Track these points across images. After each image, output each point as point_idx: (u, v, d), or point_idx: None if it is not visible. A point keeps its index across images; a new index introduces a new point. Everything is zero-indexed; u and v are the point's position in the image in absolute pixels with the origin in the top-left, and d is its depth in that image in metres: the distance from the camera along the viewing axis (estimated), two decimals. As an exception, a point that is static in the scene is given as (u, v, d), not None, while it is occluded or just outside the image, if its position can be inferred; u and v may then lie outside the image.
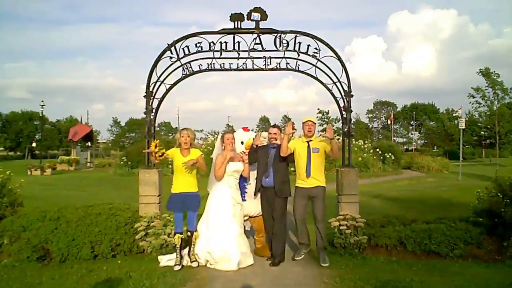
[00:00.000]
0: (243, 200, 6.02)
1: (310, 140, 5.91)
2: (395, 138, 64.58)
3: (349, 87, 6.82)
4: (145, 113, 6.85)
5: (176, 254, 5.72)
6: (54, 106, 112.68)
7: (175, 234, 5.82)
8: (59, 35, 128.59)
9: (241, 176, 6.06)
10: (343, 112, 6.89)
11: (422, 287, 4.79)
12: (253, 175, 6.13)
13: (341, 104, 6.88)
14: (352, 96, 6.85)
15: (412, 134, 73.54)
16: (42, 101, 32.74)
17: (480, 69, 30.26)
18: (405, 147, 64.69)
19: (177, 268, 5.57)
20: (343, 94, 6.83)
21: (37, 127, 56.20)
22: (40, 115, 38.61)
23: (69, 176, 22.08)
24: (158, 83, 6.79)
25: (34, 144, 49.62)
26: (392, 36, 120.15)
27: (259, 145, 6.16)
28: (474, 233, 6.10)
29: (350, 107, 6.85)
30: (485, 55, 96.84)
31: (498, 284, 4.86)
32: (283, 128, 6.25)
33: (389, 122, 60.76)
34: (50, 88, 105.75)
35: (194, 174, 5.82)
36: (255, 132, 7.02)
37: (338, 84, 6.84)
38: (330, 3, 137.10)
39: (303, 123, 6.01)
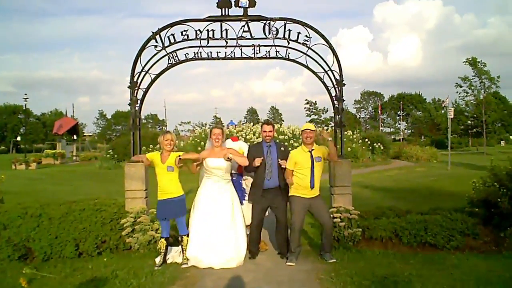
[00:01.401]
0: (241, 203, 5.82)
1: (312, 149, 5.62)
2: (382, 128, 64.82)
3: (341, 75, 6.64)
4: (129, 104, 6.58)
5: (160, 259, 5.51)
6: (39, 99, 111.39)
7: (160, 238, 5.63)
8: (43, 28, 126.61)
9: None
10: (335, 102, 6.71)
11: (421, 281, 4.63)
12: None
13: (333, 94, 6.71)
14: (344, 85, 6.70)
15: (399, 124, 73.98)
16: (26, 94, 32.02)
17: (467, 59, 30.40)
18: (393, 137, 65.01)
19: (156, 268, 5.35)
20: (334, 83, 6.66)
21: (21, 121, 55.25)
22: (24, 108, 37.83)
23: (55, 170, 21.67)
24: (143, 73, 6.54)
25: (18, 138, 48.73)
26: (378, 26, 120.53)
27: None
28: (470, 223, 5.96)
29: (342, 96, 6.68)
30: (470, 45, 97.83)
31: (499, 277, 4.72)
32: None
33: (379, 111, 61.00)
34: (34, 81, 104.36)
35: (176, 177, 5.56)
36: (243, 124, 6.77)
37: (329, 72, 6.68)
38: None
39: (302, 131, 5.73)
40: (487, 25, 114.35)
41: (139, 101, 6.59)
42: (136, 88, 6.54)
